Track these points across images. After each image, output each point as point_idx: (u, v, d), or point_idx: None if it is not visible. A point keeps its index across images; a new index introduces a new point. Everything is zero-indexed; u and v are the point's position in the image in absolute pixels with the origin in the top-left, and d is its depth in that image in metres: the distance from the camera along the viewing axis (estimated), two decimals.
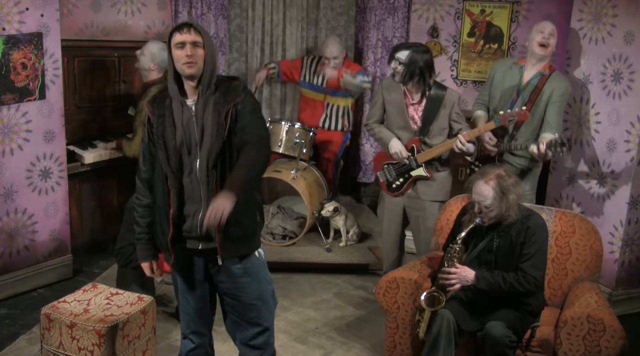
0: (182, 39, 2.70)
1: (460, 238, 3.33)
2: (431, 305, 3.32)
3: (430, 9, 5.34)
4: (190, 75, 2.73)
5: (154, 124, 2.79)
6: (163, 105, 2.80)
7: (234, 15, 5.89)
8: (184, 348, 3.06)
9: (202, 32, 2.73)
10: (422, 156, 4.10)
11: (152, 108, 2.81)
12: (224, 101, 2.75)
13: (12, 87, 4.17)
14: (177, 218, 2.78)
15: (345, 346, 3.98)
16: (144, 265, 2.99)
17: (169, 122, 2.76)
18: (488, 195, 3.23)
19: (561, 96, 4.15)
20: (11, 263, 4.39)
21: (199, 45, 2.71)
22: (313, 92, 5.61)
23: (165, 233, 2.80)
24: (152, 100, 2.85)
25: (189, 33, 2.70)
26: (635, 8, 4.18)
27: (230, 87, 2.79)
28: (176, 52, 2.71)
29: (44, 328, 3.39)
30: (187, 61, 2.69)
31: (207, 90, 2.76)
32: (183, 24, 2.74)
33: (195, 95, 2.77)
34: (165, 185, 2.79)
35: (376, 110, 4.24)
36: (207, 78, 2.75)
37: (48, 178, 4.49)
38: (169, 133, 2.76)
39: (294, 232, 5.25)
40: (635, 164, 4.23)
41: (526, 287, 3.23)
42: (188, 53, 2.69)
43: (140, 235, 2.95)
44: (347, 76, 5.29)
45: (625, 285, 4.47)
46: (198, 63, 2.71)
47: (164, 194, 2.80)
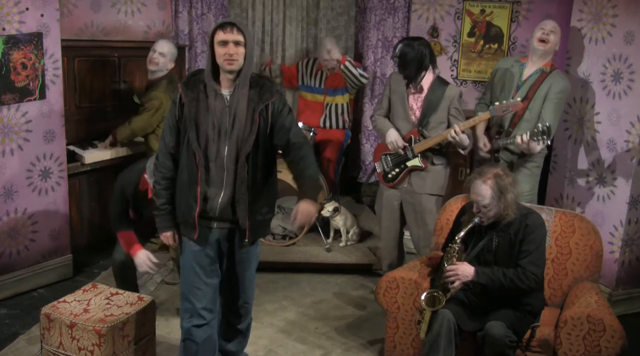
0: (225, 37, 2.87)
1: (459, 237, 3.34)
2: (431, 305, 3.32)
3: (430, 9, 5.34)
4: (230, 71, 2.92)
5: (186, 104, 2.96)
6: (197, 89, 2.97)
7: (233, 15, 5.89)
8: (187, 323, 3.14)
9: (245, 31, 2.90)
10: (418, 146, 4.14)
11: (187, 90, 2.98)
12: (258, 99, 2.97)
13: (12, 87, 4.17)
14: (203, 195, 2.99)
15: (345, 346, 3.98)
16: (167, 235, 3.16)
17: (203, 107, 2.95)
18: (486, 195, 3.24)
19: (558, 93, 4.14)
20: (11, 263, 4.39)
21: (240, 44, 2.89)
22: (312, 94, 5.62)
23: (193, 209, 3.01)
24: (186, 82, 3.01)
25: (231, 32, 2.87)
26: (635, 8, 4.18)
27: (264, 86, 3.01)
28: (218, 50, 2.89)
29: (44, 328, 3.39)
30: (228, 58, 2.88)
31: (244, 85, 2.95)
32: (226, 22, 2.90)
33: (231, 87, 2.97)
34: (193, 163, 2.97)
35: (383, 103, 4.32)
36: (245, 74, 2.94)
37: (48, 178, 4.49)
38: (202, 116, 2.95)
39: (294, 232, 5.25)
40: (635, 164, 4.23)
41: (526, 283, 3.23)
42: (230, 52, 2.87)
43: (163, 206, 3.11)
44: (349, 64, 5.35)
45: (625, 285, 4.47)
46: (239, 60, 2.90)
47: (191, 172, 2.99)
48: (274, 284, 4.73)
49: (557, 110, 4.17)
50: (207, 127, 2.94)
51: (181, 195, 3.05)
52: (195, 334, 3.15)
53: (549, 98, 4.13)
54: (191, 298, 3.13)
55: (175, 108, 3.00)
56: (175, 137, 3.03)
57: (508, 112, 4.00)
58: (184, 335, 3.18)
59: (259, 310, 4.32)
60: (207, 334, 3.18)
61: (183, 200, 3.04)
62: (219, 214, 3.02)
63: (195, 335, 3.15)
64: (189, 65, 5.63)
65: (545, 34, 4.16)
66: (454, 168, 4.80)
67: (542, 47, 4.16)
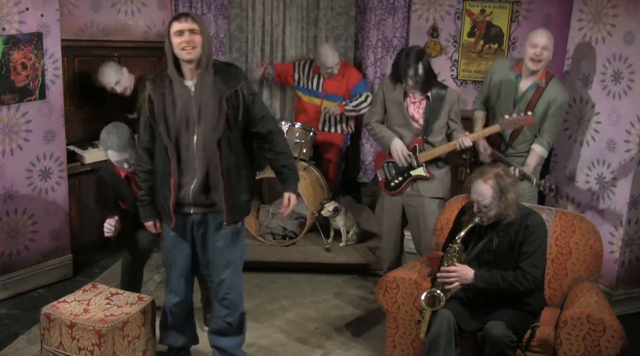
0: (180, 27, 3.00)
1: (459, 237, 3.33)
2: (431, 305, 3.32)
3: (430, 9, 5.34)
4: (189, 60, 3.02)
5: (154, 101, 3.11)
6: (163, 84, 3.11)
7: (234, 15, 5.89)
8: (168, 302, 3.46)
9: (198, 21, 3.04)
10: (423, 155, 4.11)
11: (153, 86, 3.13)
12: (224, 86, 3.07)
13: (12, 87, 4.17)
14: (177, 185, 3.14)
15: (345, 346, 3.98)
16: (149, 224, 3.38)
17: (169, 100, 3.08)
18: (487, 195, 3.23)
19: (558, 109, 4.14)
20: (11, 263, 4.39)
21: (196, 32, 3.01)
22: (309, 97, 5.58)
23: (167, 198, 3.17)
24: (152, 79, 3.16)
25: (186, 22, 3.00)
26: (635, 8, 4.18)
27: (230, 73, 3.12)
28: (175, 39, 3.01)
29: (44, 328, 3.39)
30: (185, 46, 2.99)
31: (206, 72, 3.05)
32: (181, 14, 3.04)
33: (194, 78, 3.08)
34: (166, 155, 3.13)
35: (377, 109, 4.25)
36: (205, 61, 3.04)
37: (48, 178, 4.49)
38: (169, 110, 3.08)
39: (294, 232, 5.25)
40: (635, 164, 4.23)
41: (525, 286, 3.23)
42: (186, 39, 2.99)
43: (144, 197, 3.32)
44: (349, 108, 5.37)
45: (625, 285, 4.47)
46: (196, 48, 3.01)
47: (165, 164, 3.15)
48: (274, 284, 4.73)
49: (557, 123, 4.19)
50: (174, 119, 3.07)
51: (157, 186, 3.24)
52: (171, 308, 3.46)
53: (550, 114, 4.12)
54: (170, 277, 3.41)
55: (146, 105, 3.15)
56: (149, 132, 3.20)
57: (519, 125, 4.00)
58: (163, 303, 3.53)
59: (259, 310, 4.32)
60: (179, 308, 3.46)
61: (159, 191, 3.23)
62: (192, 200, 3.17)
63: (171, 309, 3.47)
64: None
65: (537, 55, 4.04)
66: (454, 168, 4.80)
67: (535, 67, 4.09)
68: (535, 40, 4.06)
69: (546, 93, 4.12)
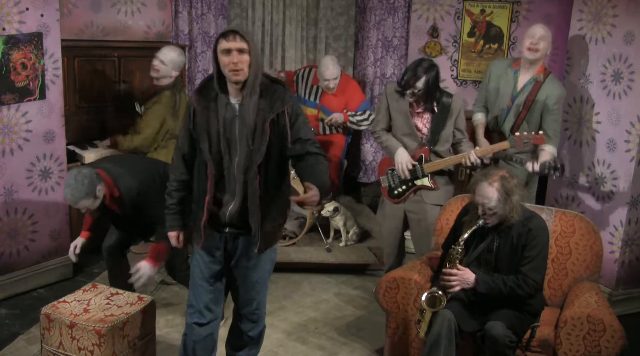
0: (228, 46, 2.81)
1: (462, 240, 3.32)
2: (432, 306, 3.32)
3: (430, 9, 5.34)
4: (237, 82, 2.86)
5: (197, 113, 2.95)
6: (209, 97, 2.94)
7: (234, 15, 5.89)
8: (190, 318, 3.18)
9: (248, 39, 2.84)
10: (429, 166, 4.05)
11: (199, 98, 2.95)
12: (269, 108, 2.90)
13: (12, 87, 4.16)
14: (211, 204, 2.98)
15: (345, 347, 3.98)
16: (172, 234, 3.19)
17: (214, 116, 2.92)
18: (492, 197, 3.22)
19: (556, 104, 4.15)
20: (11, 263, 4.39)
21: (244, 52, 2.82)
22: (307, 108, 5.48)
23: (200, 217, 3.01)
24: (199, 90, 2.98)
25: (235, 40, 2.81)
26: (635, 8, 4.18)
27: (275, 94, 2.93)
28: (223, 59, 2.83)
29: (44, 328, 3.39)
30: (233, 68, 2.81)
31: (253, 93, 2.89)
32: (229, 31, 2.84)
33: (239, 96, 2.91)
34: (204, 172, 2.97)
35: (382, 117, 4.17)
36: (252, 83, 2.87)
37: (48, 178, 4.49)
38: (213, 125, 2.92)
39: (294, 232, 5.25)
40: (635, 164, 4.23)
41: (526, 291, 3.23)
42: (234, 60, 2.80)
43: (172, 206, 3.15)
44: (352, 120, 5.29)
45: (625, 285, 4.47)
46: (244, 69, 2.83)
47: (202, 180, 3.00)
48: (274, 284, 4.73)
49: (557, 120, 4.20)
50: (218, 136, 2.92)
51: (194, 202, 3.08)
52: (195, 331, 3.18)
53: (548, 110, 4.14)
54: (195, 296, 3.17)
55: (190, 116, 2.99)
56: (189, 142, 3.03)
57: (529, 144, 4.00)
58: (185, 328, 3.24)
59: None
60: (206, 333, 3.20)
61: (195, 208, 3.08)
62: (228, 221, 3.02)
63: (194, 333, 3.19)
64: (189, 65, 5.63)
65: (533, 44, 4.12)
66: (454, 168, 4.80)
67: (532, 56, 4.15)
68: (532, 31, 4.17)
69: (544, 88, 4.15)
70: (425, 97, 3.97)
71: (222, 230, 3.05)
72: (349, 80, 5.41)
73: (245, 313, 3.24)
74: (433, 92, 3.98)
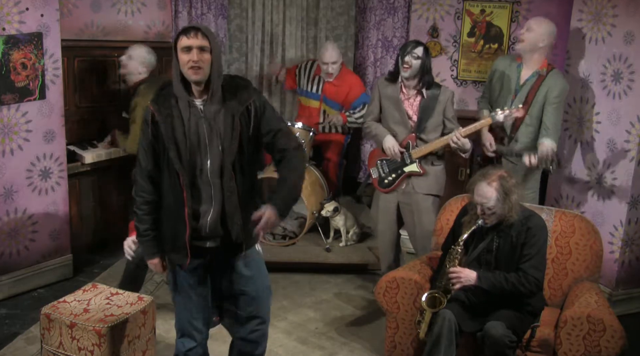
0: (188, 43, 2.68)
1: (462, 240, 3.33)
2: (432, 306, 3.32)
3: (430, 9, 5.34)
4: (196, 81, 2.73)
5: (160, 124, 2.76)
6: (169, 104, 2.77)
7: (234, 15, 5.89)
8: (182, 347, 3.04)
9: (209, 36, 2.72)
10: (417, 152, 4.13)
11: (158, 107, 2.77)
12: (236, 103, 2.77)
13: (12, 87, 4.17)
14: (191, 217, 2.79)
15: (345, 347, 3.98)
16: (154, 262, 2.96)
17: (178, 122, 2.76)
18: (491, 197, 3.23)
19: (557, 97, 4.15)
20: (11, 263, 4.39)
21: (205, 50, 2.70)
22: (307, 99, 5.57)
23: (182, 233, 2.81)
24: (155, 99, 2.80)
25: (195, 37, 2.68)
26: (635, 8, 4.18)
27: (239, 87, 2.81)
28: (182, 57, 2.70)
29: (44, 328, 3.39)
30: (192, 66, 2.68)
31: (217, 92, 2.76)
32: (190, 27, 2.72)
33: (203, 96, 2.78)
34: (177, 183, 2.78)
35: (373, 107, 4.28)
36: (215, 82, 2.75)
37: (48, 178, 4.49)
38: (179, 132, 2.75)
39: (294, 232, 5.25)
40: (635, 164, 4.23)
41: (527, 288, 3.23)
42: (194, 58, 2.67)
43: (147, 232, 2.91)
44: (352, 119, 5.36)
45: (625, 285, 4.47)
46: (204, 68, 2.70)
47: (177, 193, 2.79)
48: (274, 284, 4.68)
49: (558, 113, 4.19)
50: (186, 142, 2.75)
51: (168, 220, 2.86)
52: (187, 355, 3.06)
53: (549, 102, 4.14)
54: (184, 319, 3.02)
55: (149, 128, 2.78)
56: (152, 158, 2.82)
57: (510, 117, 4.01)
58: (175, 350, 3.10)
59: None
60: (198, 354, 3.07)
61: (170, 226, 2.85)
62: (209, 232, 2.83)
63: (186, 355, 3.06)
64: None
65: (520, 34, 4.22)
66: (454, 168, 4.81)
67: (518, 47, 4.24)
68: (526, 23, 4.26)
69: (546, 82, 4.16)
70: (422, 71, 4.04)
71: (204, 244, 2.86)
72: (350, 71, 5.54)
73: (245, 332, 3.06)
74: (428, 67, 4.06)
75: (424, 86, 4.10)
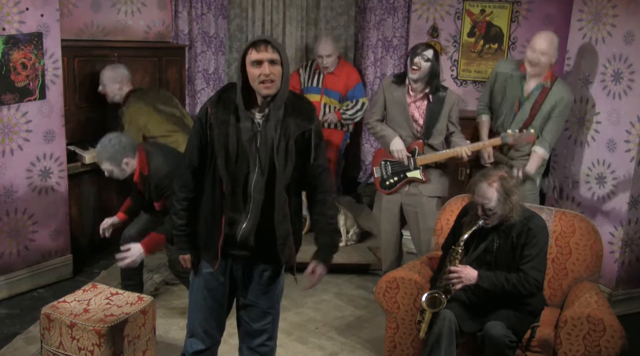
0: (259, 57, 2.61)
1: (462, 240, 3.33)
2: (432, 306, 3.32)
3: (430, 9, 5.34)
4: (266, 95, 2.66)
5: (215, 128, 2.71)
6: (228, 110, 2.71)
7: (234, 15, 5.89)
8: (189, 347, 3.00)
9: (280, 49, 2.65)
10: (422, 159, 4.11)
11: (216, 111, 2.72)
12: (295, 125, 2.71)
13: (12, 87, 4.17)
14: (227, 223, 2.78)
15: (345, 347, 3.97)
16: (185, 257, 2.95)
17: (233, 131, 2.70)
18: (492, 197, 3.22)
19: (562, 110, 4.14)
20: (11, 263, 4.39)
21: (276, 63, 2.63)
22: (310, 95, 5.59)
23: (216, 238, 2.80)
24: (216, 102, 2.74)
25: (266, 51, 2.62)
26: (635, 8, 4.18)
27: (302, 111, 2.75)
28: (252, 71, 2.63)
29: (44, 328, 3.39)
30: (264, 80, 2.62)
31: (279, 109, 2.69)
32: (260, 40, 2.64)
33: (264, 110, 2.71)
34: (219, 190, 2.76)
35: (377, 109, 4.25)
36: (282, 97, 2.68)
37: (48, 178, 4.49)
38: (231, 140, 2.70)
39: None
40: (635, 164, 4.23)
41: (528, 289, 3.23)
42: (266, 72, 2.61)
43: (182, 227, 2.89)
44: (346, 116, 5.40)
45: (625, 285, 4.47)
46: (276, 81, 2.64)
47: (217, 199, 2.78)
48: None
49: (559, 125, 4.20)
50: (236, 151, 2.70)
51: (205, 222, 2.84)
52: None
53: (553, 115, 4.13)
54: (196, 321, 2.98)
55: (202, 128, 2.74)
56: (200, 157, 2.79)
57: (519, 142, 4.02)
58: (183, 349, 3.07)
59: None
60: None
61: (206, 228, 2.84)
62: (240, 242, 2.79)
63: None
64: (189, 65, 5.63)
65: (535, 59, 4.07)
66: (454, 168, 4.80)
67: (531, 70, 4.12)
68: (535, 44, 4.09)
69: (552, 94, 4.12)
70: (431, 75, 4.02)
71: (231, 251, 2.84)
72: (349, 63, 5.65)
73: (253, 345, 3.02)
74: (437, 71, 4.05)
75: (432, 91, 4.07)
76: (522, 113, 4.18)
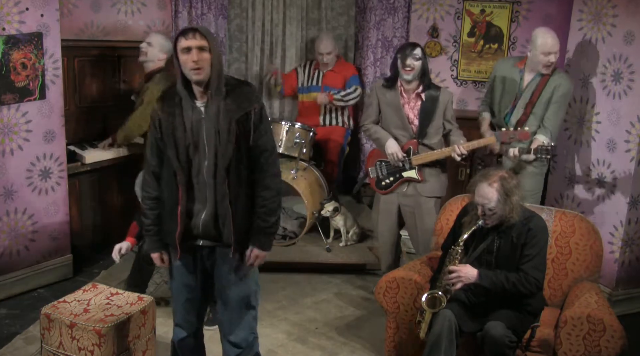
0: (187, 44, 2.74)
1: (462, 240, 3.32)
2: (432, 306, 3.32)
3: (430, 9, 5.34)
4: (198, 81, 2.78)
5: (163, 122, 2.84)
6: (173, 102, 2.84)
7: (234, 15, 5.90)
8: (175, 336, 3.18)
9: (208, 36, 2.76)
10: (417, 159, 4.11)
11: (162, 105, 2.86)
12: (236, 107, 2.81)
13: (12, 87, 4.17)
14: (184, 215, 2.87)
15: (345, 347, 3.98)
16: (155, 256, 3.04)
17: (179, 121, 2.82)
18: (492, 198, 3.22)
19: (562, 96, 4.15)
20: (11, 263, 4.39)
21: (205, 50, 2.75)
22: (311, 94, 5.61)
23: (173, 230, 2.89)
24: (161, 97, 2.89)
25: (194, 38, 2.74)
26: (635, 8, 4.18)
27: (242, 93, 2.85)
28: (182, 57, 2.75)
29: (44, 328, 3.39)
30: (194, 66, 2.73)
31: (217, 92, 2.80)
32: (188, 29, 2.77)
33: (205, 98, 2.82)
34: (174, 181, 2.86)
35: (371, 111, 4.25)
36: (215, 82, 2.79)
37: (48, 178, 4.49)
38: (179, 131, 2.82)
39: (294, 232, 5.25)
40: (635, 164, 4.23)
41: (527, 288, 3.23)
42: (194, 58, 2.72)
43: (150, 227, 2.99)
44: (337, 97, 5.45)
45: (625, 285, 4.47)
46: (205, 68, 2.75)
47: (172, 191, 2.88)
48: (274, 284, 4.73)
49: (559, 112, 4.19)
50: (185, 142, 2.81)
51: (164, 216, 2.94)
52: (179, 344, 3.18)
53: (553, 101, 4.13)
54: (175, 309, 3.14)
55: (154, 126, 2.88)
56: (157, 155, 2.91)
57: (514, 140, 4.01)
58: (172, 338, 3.23)
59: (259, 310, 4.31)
60: (189, 344, 3.18)
61: (166, 221, 2.94)
62: (202, 231, 2.89)
63: (178, 344, 3.19)
64: None
65: (550, 62, 4.10)
66: (454, 168, 4.80)
67: (547, 71, 4.15)
68: (549, 47, 4.09)
69: (551, 81, 4.15)
70: (422, 72, 4.03)
71: (196, 242, 2.93)
72: (345, 62, 5.75)
73: (228, 337, 3.07)
74: (426, 67, 4.06)
75: (425, 88, 4.08)
76: (522, 101, 4.18)
